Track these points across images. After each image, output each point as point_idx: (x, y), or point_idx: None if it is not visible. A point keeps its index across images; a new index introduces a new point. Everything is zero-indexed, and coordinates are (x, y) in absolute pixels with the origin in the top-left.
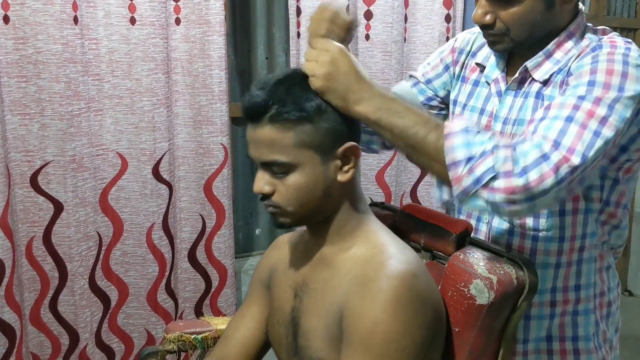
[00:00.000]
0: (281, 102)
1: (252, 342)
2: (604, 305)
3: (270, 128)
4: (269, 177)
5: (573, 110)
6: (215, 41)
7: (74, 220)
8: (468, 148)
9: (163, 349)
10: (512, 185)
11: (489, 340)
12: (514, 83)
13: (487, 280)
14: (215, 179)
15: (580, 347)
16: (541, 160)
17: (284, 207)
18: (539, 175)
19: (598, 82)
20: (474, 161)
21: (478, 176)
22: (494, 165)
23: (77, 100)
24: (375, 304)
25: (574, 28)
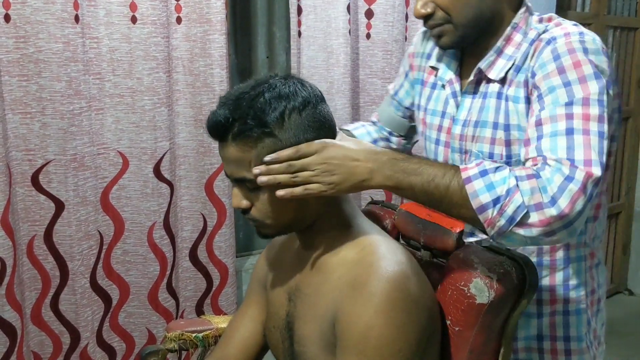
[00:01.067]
0: (242, 119)
1: (252, 343)
2: (594, 303)
3: (234, 147)
4: (245, 192)
5: (569, 121)
6: (216, 40)
7: (75, 219)
8: (491, 190)
9: (164, 348)
10: (547, 217)
11: (489, 339)
12: (470, 85)
13: (487, 279)
14: (216, 178)
15: (573, 347)
16: (567, 184)
17: (262, 220)
18: (569, 200)
19: (573, 80)
20: (502, 201)
21: (510, 215)
22: (523, 201)
23: (78, 99)
24: (368, 308)
25: (519, 21)
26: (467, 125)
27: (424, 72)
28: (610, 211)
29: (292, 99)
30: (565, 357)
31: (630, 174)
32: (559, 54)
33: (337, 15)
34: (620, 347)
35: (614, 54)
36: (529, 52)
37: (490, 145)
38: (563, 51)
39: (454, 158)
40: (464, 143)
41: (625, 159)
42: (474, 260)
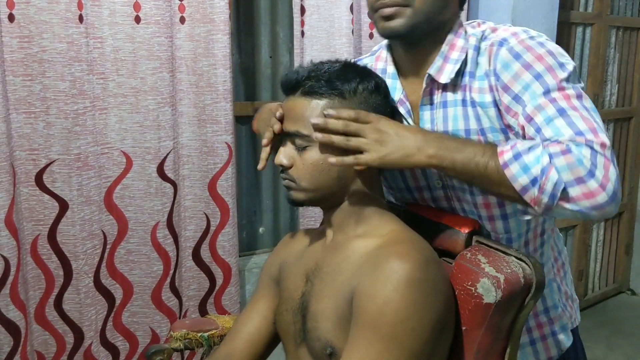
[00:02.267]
0: (317, 78)
1: (259, 338)
2: (560, 269)
3: (300, 99)
4: (290, 150)
5: (554, 104)
6: (219, 40)
7: (79, 218)
8: (527, 172)
9: (169, 347)
10: (590, 190)
11: (497, 338)
12: (426, 97)
13: (494, 279)
14: (219, 178)
15: (552, 315)
16: (595, 155)
17: (298, 182)
18: (604, 170)
19: (542, 71)
20: (540, 180)
21: (550, 192)
22: (560, 176)
23: (82, 98)
24: (387, 284)
25: (458, 27)
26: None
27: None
28: None
29: (367, 79)
30: (550, 327)
31: (633, 174)
32: (518, 52)
33: (340, 15)
34: (623, 346)
35: (617, 54)
36: (478, 58)
37: None
38: (521, 49)
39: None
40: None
41: (627, 159)
42: (481, 260)
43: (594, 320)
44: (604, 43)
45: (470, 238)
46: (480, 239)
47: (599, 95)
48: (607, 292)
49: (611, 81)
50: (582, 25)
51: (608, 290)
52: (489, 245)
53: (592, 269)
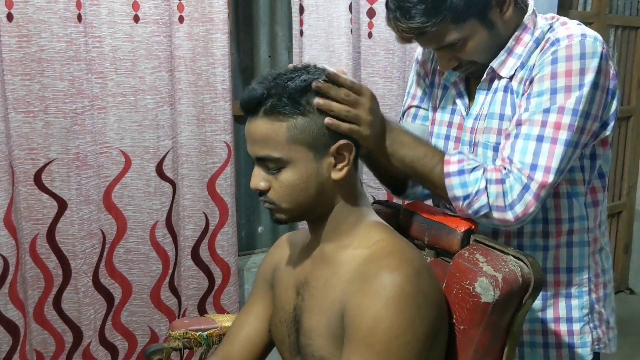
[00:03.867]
0: (277, 95)
1: (256, 341)
2: (599, 287)
3: (264, 121)
4: (264, 174)
5: (542, 128)
6: (218, 39)
7: (78, 218)
8: (464, 188)
9: (168, 346)
10: (505, 218)
11: (495, 337)
12: (484, 83)
13: (492, 278)
14: (218, 177)
15: (575, 328)
16: (524, 193)
17: (278, 204)
18: (524, 207)
19: (559, 87)
20: (471, 198)
21: (476, 209)
22: (488, 201)
23: (81, 98)
24: (377, 300)
25: (528, 22)
26: (479, 119)
27: (435, 75)
28: (612, 210)
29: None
30: (567, 337)
31: (632, 173)
32: (556, 58)
33: (339, 15)
34: (622, 346)
35: (615, 53)
36: (534, 50)
37: (497, 135)
38: (562, 56)
39: (463, 151)
40: (473, 135)
41: (626, 159)
42: (479, 259)
43: None
44: None
45: (467, 237)
46: (478, 238)
47: None
48: None
49: None
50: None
51: None
52: (487, 244)
53: None
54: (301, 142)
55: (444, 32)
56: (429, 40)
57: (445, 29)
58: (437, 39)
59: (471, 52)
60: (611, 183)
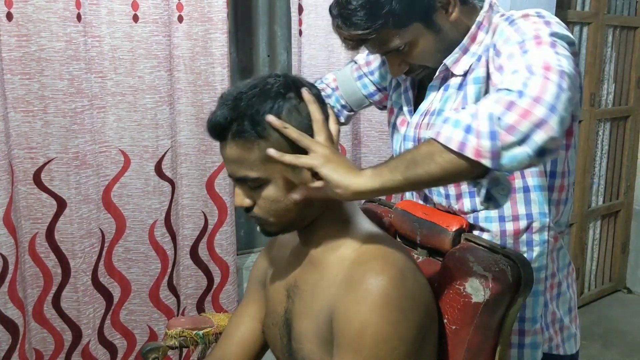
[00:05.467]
0: (240, 119)
1: (252, 341)
2: (554, 286)
3: (234, 146)
4: (247, 191)
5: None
6: (217, 39)
7: (77, 217)
8: (457, 126)
9: (165, 345)
10: (524, 108)
11: (486, 337)
12: (436, 80)
13: (482, 278)
14: (217, 176)
15: (527, 327)
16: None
17: (265, 219)
18: (538, 85)
19: (528, 30)
20: (473, 125)
21: (488, 131)
22: (492, 111)
23: (80, 97)
24: (363, 305)
25: (483, 19)
26: (425, 115)
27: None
28: (609, 210)
29: (288, 100)
30: (518, 337)
31: (629, 172)
32: (514, 21)
33: None
34: (619, 345)
35: (614, 53)
36: (488, 42)
37: None
38: (519, 19)
39: (407, 146)
40: (417, 131)
41: (624, 158)
42: (469, 259)
43: (590, 318)
44: (600, 42)
45: (458, 236)
46: (468, 237)
47: (596, 95)
48: (604, 290)
49: (608, 80)
50: (579, 24)
51: (604, 288)
52: (478, 243)
53: (588, 267)
54: (275, 160)
55: (387, 38)
56: (373, 46)
57: (387, 34)
58: (380, 45)
59: (419, 56)
60: (609, 182)
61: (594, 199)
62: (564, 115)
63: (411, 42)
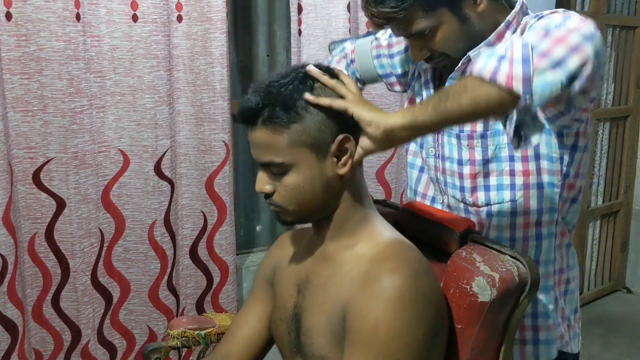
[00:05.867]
0: (272, 105)
1: (255, 340)
2: (562, 282)
3: (264, 130)
4: (268, 177)
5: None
6: (216, 38)
7: (76, 216)
8: (491, 57)
9: (166, 345)
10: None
11: (492, 336)
12: (457, 72)
13: (489, 278)
14: (216, 176)
15: (540, 323)
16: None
17: (284, 207)
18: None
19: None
20: (507, 54)
21: (521, 57)
22: (526, 41)
23: (80, 97)
24: (378, 302)
25: (512, 19)
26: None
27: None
28: (609, 209)
29: (318, 88)
30: (532, 333)
31: (629, 172)
32: (543, 16)
33: (338, 14)
34: (619, 344)
35: (613, 53)
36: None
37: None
38: (547, 14)
39: (427, 138)
40: None
41: (624, 158)
42: (476, 259)
43: (590, 318)
44: None
45: (464, 237)
46: (475, 238)
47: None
48: (603, 289)
49: (607, 80)
50: None
51: (604, 288)
52: (484, 243)
53: (588, 267)
54: (302, 144)
55: (413, 19)
56: (398, 27)
57: (414, 15)
58: (406, 26)
59: (441, 42)
60: (608, 182)
61: (594, 198)
62: (599, 49)
63: (436, 27)
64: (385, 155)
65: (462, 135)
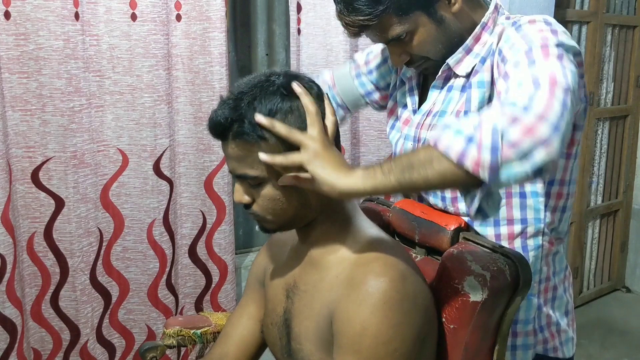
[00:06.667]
0: (241, 120)
1: (250, 340)
2: (549, 290)
3: (235, 145)
4: (246, 188)
5: (530, 57)
6: (215, 37)
7: (75, 216)
8: (459, 135)
9: (162, 344)
10: (527, 125)
11: (484, 336)
12: (439, 80)
13: (481, 277)
14: (215, 176)
15: (518, 329)
16: (535, 91)
17: (263, 216)
18: (544, 101)
19: (535, 39)
20: (476, 135)
21: (490, 144)
22: (494, 124)
23: (78, 96)
24: (364, 307)
25: (488, 21)
26: (427, 115)
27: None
28: (608, 209)
29: (287, 100)
30: (511, 339)
31: (628, 172)
32: (521, 26)
33: None
34: (618, 344)
35: (613, 52)
36: (493, 43)
37: None
38: (526, 25)
39: (407, 146)
40: (418, 131)
41: (623, 157)
42: (467, 258)
43: (589, 317)
44: (599, 41)
45: (456, 235)
46: (466, 236)
47: (595, 94)
48: (602, 289)
49: (607, 79)
50: (577, 24)
51: (603, 287)
52: (476, 241)
53: (587, 267)
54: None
55: (388, 25)
56: (374, 34)
57: (389, 21)
58: (382, 33)
59: (419, 46)
60: (608, 182)
61: (593, 198)
62: (566, 134)
63: (412, 32)
64: (379, 155)
65: None
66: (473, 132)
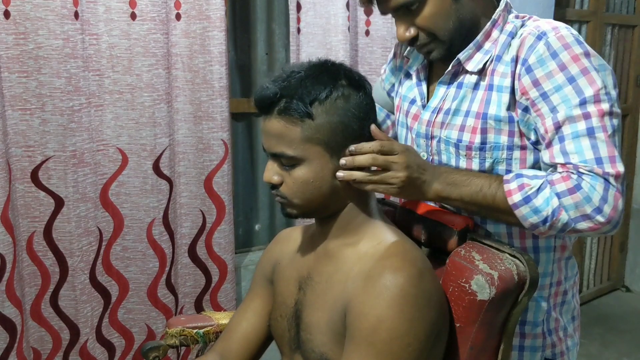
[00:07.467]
0: (290, 96)
1: (254, 337)
2: (558, 294)
3: (278, 121)
4: (278, 168)
5: (587, 121)
6: (215, 37)
7: (75, 215)
8: (538, 214)
9: (165, 344)
10: (595, 224)
11: (490, 335)
12: (447, 75)
13: (488, 276)
14: (215, 175)
15: (527, 331)
16: (607, 191)
17: (290, 199)
18: (613, 205)
19: (576, 74)
20: (550, 221)
21: (560, 228)
22: (569, 216)
23: (78, 95)
24: (380, 300)
25: (498, 17)
26: (438, 113)
27: (402, 59)
28: None
29: (339, 87)
30: (519, 339)
31: (628, 171)
32: (555, 51)
33: (337, 12)
34: (617, 343)
35: (612, 52)
36: (510, 44)
37: (459, 132)
38: (559, 47)
39: (419, 143)
40: (430, 129)
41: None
42: (475, 257)
43: (589, 317)
44: (599, 41)
45: (463, 235)
46: (474, 236)
47: None
48: (602, 289)
49: None
50: (577, 23)
51: (603, 287)
52: (483, 242)
53: (587, 266)
54: (316, 142)
55: None
56: (384, 1)
57: None
58: None
59: (430, 18)
60: None
61: None
62: (620, 223)
63: (424, 1)
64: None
65: (461, 145)
66: (549, 216)
